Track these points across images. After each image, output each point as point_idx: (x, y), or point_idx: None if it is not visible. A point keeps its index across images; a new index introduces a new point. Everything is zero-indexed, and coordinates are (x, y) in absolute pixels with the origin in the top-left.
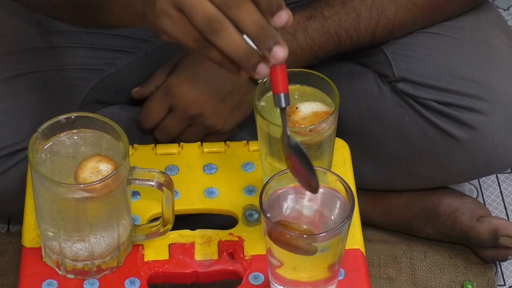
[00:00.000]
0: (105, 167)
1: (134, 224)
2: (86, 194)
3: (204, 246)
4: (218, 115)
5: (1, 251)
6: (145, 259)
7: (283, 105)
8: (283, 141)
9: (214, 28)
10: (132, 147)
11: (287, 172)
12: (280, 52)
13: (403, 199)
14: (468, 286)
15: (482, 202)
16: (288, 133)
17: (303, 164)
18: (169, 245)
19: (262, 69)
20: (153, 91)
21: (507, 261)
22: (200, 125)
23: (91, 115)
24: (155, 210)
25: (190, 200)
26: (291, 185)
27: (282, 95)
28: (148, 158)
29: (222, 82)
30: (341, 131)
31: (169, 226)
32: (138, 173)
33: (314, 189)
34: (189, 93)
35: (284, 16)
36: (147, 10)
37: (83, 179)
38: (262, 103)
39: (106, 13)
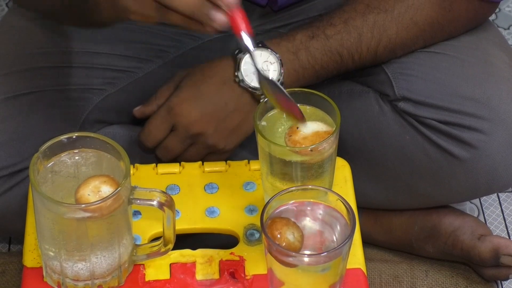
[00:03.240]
0: (106, 189)
1: (135, 244)
2: (87, 214)
3: (205, 265)
4: (220, 135)
5: (2, 271)
6: (146, 279)
7: (251, 46)
8: (260, 82)
9: None
10: (133, 167)
11: (288, 192)
12: None
13: (404, 218)
14: None
15: (483, 221)
16: (262, 72)
17: (283, 97)
18: (170, 264)
19: (219, 17)
20: (155, 110)
21: (509, 280)
22: (201, 144)
23: (92, 135)
24: (156, 229)
25: (191, 219)
26: (292, 203)
27: (245, 35)
28: (149, 178)
29: (224, 101)
30: (342, 150)
31: (170, 245)
32: (139, 192)
33: (300, 117)
34: (191, 113)
35: None
36: None
37: (80, 196)
38: (263, 123)
39: (96, 11)
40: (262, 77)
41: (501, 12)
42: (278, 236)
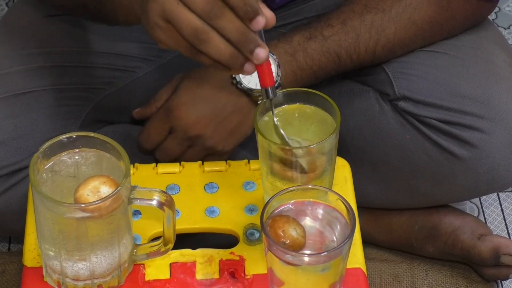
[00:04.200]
0: (105, 189)
1: (135, 244)
2: (87, 214)
3: (205, 265)
4: (219, 136)
5: (2, 271)
6: (146, 279)
7: (271, 96)
8: (274, 128)
9: (201, 38)
10: (133, 166)
11: (288, 191)
12: (261, 53)
13: (404, 217)
14: None
15: (483, 221)
16: (276, 122)
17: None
18: (170, 264)
19: (248, 68)
20: (154, 112)
21: (509, 279)
22: (200, 146)
23: (92, 134)
24: (156, 229)
25: (191, 219)
26: (292, 202)
27: (269, 88)
28: (149, 177)
29: (222, 103)
30: (342, 150)
31: (170, 245)
32: (139, 192)
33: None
34: (190, 115)
35: (261, 21)
36: (143, 20)
37: (79, 196)
38: (266, 118)
39: (112, 15)
40: (277, 127)
41: (501, 11)
42: (282, 234)
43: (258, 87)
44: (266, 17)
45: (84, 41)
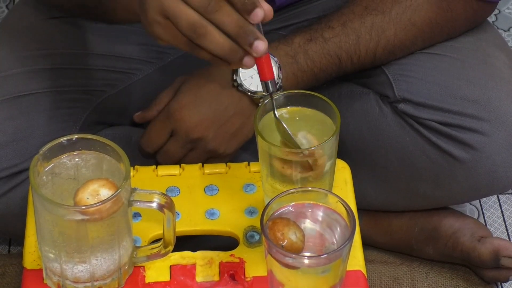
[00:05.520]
0: (105, 192)
1: (135, 246)
2: (87, 216)
3: (205, 267)
4: (220, 139)
5: (2, 273)
6: (146, 281)
7: (271, 90)
8: (276, 123)
9: (199, 33)
10: (133, 169)
11: (288, 194)
12: (260, 46)
13: (404, 220)
14: None
15: (483, 223)
16: (277, 116)
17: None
18: (170, 266)
19: (248, 62)
20: (155, 115)
21: (509, 281)
22: (202, 149)
23: (92, 137)
24: (156, 231)
25: (191, 221)
26: (292, 205)
27: (269, 82)
28: (149, 180)
29: (223, 106)
30: (342, 152)
31: (170, 247)
32: (139, 194)
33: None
34: (191, 117)
35: (259, 13)
36: (142, 17)
37: (79, 200)
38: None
39: (111, 13)
40: (278, 120)
41: (501, 13)
42: (280, 236)
43: (259, 89)
44: (264, 10)
45: (84, 43)
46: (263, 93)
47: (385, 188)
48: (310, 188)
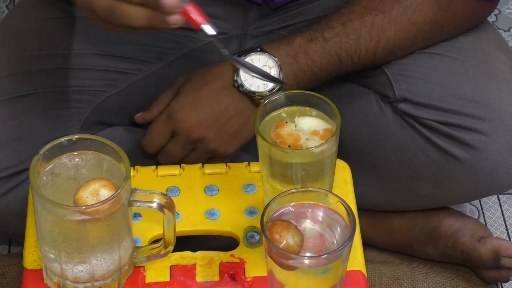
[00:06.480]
0: (105, 192)
1: (135, 246)
2: (87, 217)
3: (205, 267)
4: (221, 139)
5: (2, 273)
6: (146, 281)
7: (212, 32)
8: (232, 62)
9: (116, 16)
10: (134, 169)
11: (288, 194)
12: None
13: (404, 220)
14: None
15: (483, 223)
16: (225, 53)
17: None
18: (170, 266)
19: (172, 20)
20: (156, 116)
21: (509, 282)
22: (203, 149)
23: (92, 137)
24: (156, 231)
25: (191, 221)
26: (292, 205)
27: (203, 26)
28: (149, 180)
29: (224, 106)
30: (342, 152)
31: (171, 247)
32: (139, 195)
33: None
34: (192, 118)
35: None
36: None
37: (79, 199)
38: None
39: None
40: (229, 58)
41: (501, 14)
42: (278, 239)
43: (260, 89)
44: None
45: (84, 43)
46: (264, 94)
47: (385, 188)
48: (310, 188)
